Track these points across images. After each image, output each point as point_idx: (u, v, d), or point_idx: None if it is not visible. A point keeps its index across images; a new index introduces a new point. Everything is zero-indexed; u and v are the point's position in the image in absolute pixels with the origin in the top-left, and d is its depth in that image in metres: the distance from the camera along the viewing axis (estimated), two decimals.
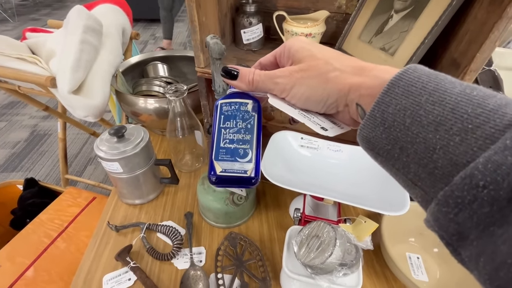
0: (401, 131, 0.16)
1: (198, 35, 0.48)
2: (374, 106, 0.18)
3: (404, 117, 0.16)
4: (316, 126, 0.23)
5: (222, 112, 0.28)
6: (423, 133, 0.15)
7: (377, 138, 0.18)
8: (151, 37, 3.19)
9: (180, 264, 0.53)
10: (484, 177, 0.12)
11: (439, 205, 0.14)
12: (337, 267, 0.37)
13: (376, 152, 0.18)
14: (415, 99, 0.16)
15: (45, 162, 1.62)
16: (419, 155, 0.15)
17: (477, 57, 0.36)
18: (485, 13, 0.36)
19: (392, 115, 0.17)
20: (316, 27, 0.54)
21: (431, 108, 0.15)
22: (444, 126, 0.15)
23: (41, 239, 0.76)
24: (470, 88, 0.15)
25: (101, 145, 0.54)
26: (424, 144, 0.15)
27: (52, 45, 0.74)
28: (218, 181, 0.26)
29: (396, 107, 0.17)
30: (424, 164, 0.15)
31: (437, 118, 0.15)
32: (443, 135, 0.14)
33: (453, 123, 0.14)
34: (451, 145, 0.14)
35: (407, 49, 0.44)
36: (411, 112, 0.16)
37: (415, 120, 0.16)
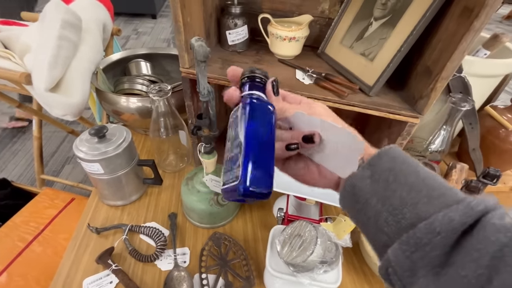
0: (383, 186, 0.21)
1: (183, 35, 0.47)
2: (368, 163, 0.23)
3: (388, 176, 0.21)
4: None
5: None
6: (399, 191, 0.20)
7: (362, 187, 0.22)
8: (133, 32, 3.09)
9: (163, 266, 0.53)
10: (440, 225, 0.17)
11: (401, 244, 0.19)
12: (318, 264, 0.38)
13: (355, 198, 0.22)
14: (398, 166, 0.21)
15: (18, 161, 1.54)
16: (393, 206, 0.20)
17: (448, 66, 0.39)
18: (455, 24, 0.39)
19: (380, 171, 0.22)
20: (300, 31, 0.55)
21: (408, 175, 0.21)
22: (416, 189, 0.20)
23: (15, 243, 0.72)
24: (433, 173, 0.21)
25: (81, 146, 0.53)
26: (399, 199, 0.20)
27: (26, 40, 0.71)
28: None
29: (383, 167, 0.22)
30: (395, 214, 0.20)
31: (412, 183, 0.20)
32: (414, 196, 0.20)
33: (422, 188, 0.20)
34: (419, 204, 0.19)
35: (385, 56, 0.46)
36: (394, 173, 0.21)
37: (396, 179, 0.21)
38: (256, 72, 0.27)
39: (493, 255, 0.16)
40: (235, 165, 0.22)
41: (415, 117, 0.45)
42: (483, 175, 0.59)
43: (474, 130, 0.63)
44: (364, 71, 0.50)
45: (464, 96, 0.57)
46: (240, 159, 0.21)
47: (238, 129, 0.24)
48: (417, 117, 0.45)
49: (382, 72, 0.46)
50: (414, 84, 0.47)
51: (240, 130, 0.23)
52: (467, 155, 0.70)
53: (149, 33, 3.08)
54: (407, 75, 0.51)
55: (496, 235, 0.16)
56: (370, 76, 0.49)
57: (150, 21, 3.38)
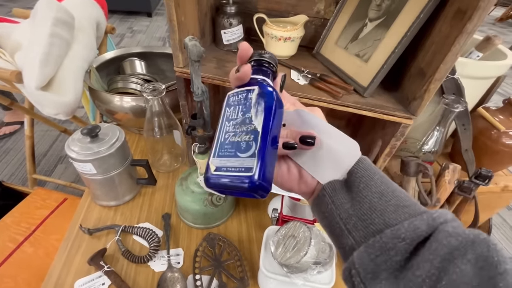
0: (355, 191, 0.23)
1: (177, 34, 0.47)
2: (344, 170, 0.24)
3: (360, 182, 0.23)
4: None
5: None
6: (370, 198, 0.22)
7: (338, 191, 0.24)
8: (128, 30, 3.06)
9: (157, 267, 0.52)
10: (405, 232, 0.19)
11: (366, 248, 0.20)
12: (311, 265, 0.38)
13: (331, 200, 0.24)
14: (370, 175, 0.23)
15: (10, 160, 1.51)
16: (362, 211, 0.22)
17: (441, 68, 0.39)
18: (448, 27, 0.39)
19: (353, 178, 0.23)
20: (295, 31, 0.55)
21: (379, 184, 0.22)
22: (385, 197, 0.22)
23: (5, 244, 0.71)
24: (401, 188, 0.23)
25: (73, 145, 0.52)
26: (369, 205, 0.21)
27: (18, 37, 0.69)
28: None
29: (357, 175, 0.23)
30: (364, 219, 0.21)
31: (382, 192, 0.22)
32: (383, 203, 0.21)
33: (391, 198, 0.21)
34: (387, 211, 0.21)
35: (379, 57, 0.46)
36: (365, 181, 0.23)
37: (367, 186, 0.22)
38: (271, 61, 0.25)
39: (444, 257, 0.17)
40: (244, 153, 0.20)
41: (408, 118, 0.46)
42: (475, 176, 0.60)
43: (467, 131, 0.64)
44: (359, 72, 0.50)
45: (457, 97, 0.57)
46: (254, 149, 0.20)
47: (251, 115, 0.21)
48: (411, 118, 0.46)
49: (377, 73, 0.46)
50: (408, 86, 0.48)
51: (256, 118, 0.21)
52: (459, 156, 0.70)
53: (144, 32, 3.05)
54: (401, 77, 0.51)
55: (448, 239, 0.18)
56: (365, 77, 0.49)
57: (145, 19, 3.35)
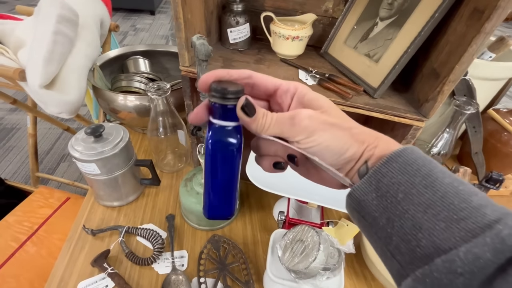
0: (392, 203, 0.17)
1: (183, 33, 0.46)
2: (372, 173, 0.19)
3: (397, 191, 0.17)
4: None
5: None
6: (412, 211, 0.17)
7: (367, 202, 0.19)
8: (131, 28, 3.05)
9: (161, 269, 0.51)
10: (463, 265, 0.14)
11: (415, 282, 0.16)
12: (320, 271, 0.37)
13: (362, 215, 0.19)
14: (410, 179, 0.17)
15: (12, 158, 1.51)
16: (404, 230, 0.17)
17: (456, 69, 0.38)
18: (465, 26, 0.38)
19: (386, 186, 0.18)
20: (303, 30, 0.53)
21: (423, 190, 0.17)
22: (432, 210, 0.16)
23: (8, 243, 0.71)
24: (457, 182, 0.17)
25: (77, 145, 0.51)
26: (412, 221, 0.16)
27: (21, 34, 0.69)
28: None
29: (391, 180, 0.18)
30: (407, 240, 0.16)
31: (427, 201, 0.16)
32: (430, 218, 0.16)
33: (441, 209, 0.16)
34: (436, 229, 0.16)
35: (390, 57, 0.45)
36: (404, 189, 0.17)
37: (407, 197, 0.17)
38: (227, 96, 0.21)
39: None
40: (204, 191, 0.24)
41: (420, 120, 0.44)
42: (485, 179, 0.58)
43: (478, 133, 0.62)
44: (369, 73, 0.49)
45: (468, 99, 0.56)
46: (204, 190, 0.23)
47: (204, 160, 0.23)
48: (422, 120, 0.44)
49: (388, 74, 0.45)
50: (420, 87, 0.46)
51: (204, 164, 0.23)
52: (468, 158, 0.69)
53: (147, 30, 3.05)
54: (412, 77, 0.50)
55: None
56: (375, 78, 0.47)
57: (148, 17, 3.34)
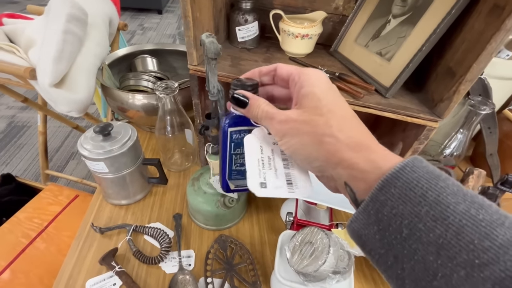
0: (397, 239, 0.15)
1: (192, 31, 0.45)
2: (368, 201, 0.16)
3: (401, 226, 0.14)
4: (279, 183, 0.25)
5: (233, 140, 0.29)
6: (422, 252, 0.14)
7: (369, 237, 0.16)
8: (139, 27, 3.08)
9: (168, 268, 0.51)
10: None
11: None
12: (330, 274, 0.37)
13: (367, 251, 0.17)
14: (414, 209, 0.14)
15: (23, 155, 1.54)
16: (417, 274, 0.14)
17: (474, 67, 0.37)
18: (483, 23, 0.36)
19: (387, 218, 0.15)
20: (313, 28, 0.52)
21: (433, 224, 0.14)
22: (447, 251, 0.13)
23: (18, 239, 0.72)
24: (475, 208, 0.13)
25: (86, 144, 0.52)
26: (423, 265, 0.14)
27: (31, 34, 0.69)
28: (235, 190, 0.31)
29: (392, 211, 0.15)
30: (422, 287, 0.14)
31: (439, 240, 0.13)
32: (446, 262, 0.13)
33: (458, 251, 0.13)
34: (454, 277, 0.13)
35: (403, 56, 0.44)
36: (408, 222, 0.14)
37: (414, 233, 0.14)
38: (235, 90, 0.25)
39: None
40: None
41: (434, 121, 0.43)
42: (501, 182, 0.56)
43: (493, 134, 0.60)
44: (380, 72, 0.48)
45: (484, 99, 0.54)
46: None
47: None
48: (437, 121, 0.43)
49: (400, 73, 0.44)
50: (434, 86, 0.45)
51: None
52: (482, 160, 0.67)
53: (154, 29, 3.07)
54: (426, 77, 0.48)
55: None
56: (387, 77, 0.46)
57: (156, 17, 3.36)
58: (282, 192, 0.23)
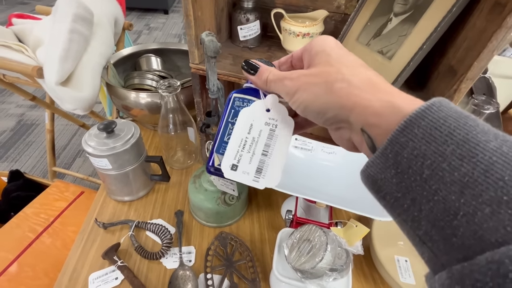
0: (416, 181, 0.14)
1: (193, 30, 0.46)
2: (387, 145, 0.15)
3: (422, 167, 0.13)
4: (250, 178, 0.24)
5: (233, 107, 0.27)
6: (444, 192, 0.13)
7: (386, 181, 0.15)
8: (145, 27, 3.11)
9: (169, 264, 0.52)
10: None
11: (452, 280, 0.12)
12: (327, 272, 0.37)
13: (381, 195, 0.16)
14: (439, 148, 0.13)
15: (32, 153, 1.57)
16: (435, 215, 0.13)
17: (475, 66, 0.36)
18: (484, 21, 0.36)
19: (407, 160, 0.14)
20: (314, 27, 0.53)
21: (458, 163, 0.13)
22: (472, 190, 0.12)
23: (25, 234, 0.74)
24: (507, 146, 0.12)
25: (90, 141, 0.53)
26: (444, 204, 0.13)
27: (39, 33, 0.71)
28: (214, 172, 0.27)
29: (414, 152, 0.14)
30: (440, 227, 0.13)
31: (464, 178, 0.12)
32: (469, 200, 0.12)
33: (484, 188, 0.12)
34: (478, 215, 0.12)
35: (405, 54, 0.44)
36: (431, 163, 0.13)
37: (436, 173, 0.13)
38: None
39: None
40: None
41: None
42: None
43: None
44: (381, 70, 0.48)
45: (488, 98, 0.53)
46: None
47: None
48: None
49: (401, 71, 0.44)
50: (436, 85, 0.45)
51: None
52: None
53: (160, 29, 3.10)
54: (427, 75, 0.48)
55: None
56: (388, 76, 0.46)
57: (162, 17, 3.40)
58: (247, 179, 0.24)
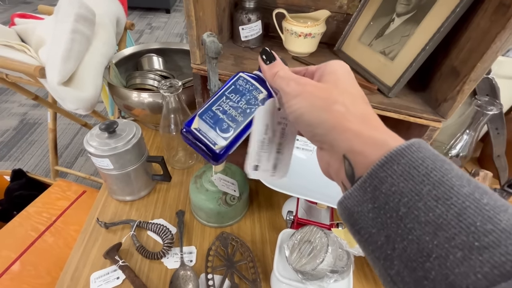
0: (392, 218, 0.14)
1: (195, 30, 0.46)
2: (366, 178, 0.16)
3: (399, 204, 0.14)
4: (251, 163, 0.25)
5: (235, 84, 0.27)
6: (418, 232, 0.13)
7: (362, 214, 0.16)
8: (147, 27, 3.11)
9: (170, 264, 0.52)
10: None
11: None
12: (328, 273, 0.37)
13: (356, 229, 0.16)
14: (416, 187, 0.14)
15: (34, 152, 1.58)
16: (408, 255, 0.13)
17: (478, 67, 0.36)
18: (488, 22, 0.35)
19: (385, 195, 0.15)
20: (316, 27, 0.52)
21: (434, 204, 0.13)
22: (445, 232, 0.12)
23: (28, 233, 0.74)
24: (479, 192, 0.13)
25: (91, 140, 0.53)
26: (417, 245, 0.13)
27: (41, 33, 0.71)
28: (187, 134, 0.26)
29: (391, 188, 0.14)
30: (413, 268, 0.13)
31: (438, 220, 0.13)
32: (442, 243, 0.12)
33: (457, 232, 0.12)
34: (450, 259, 0.12)
35: (407, 54, 0.43)
36: (408, 201, 0.14)
37: (412, 212, 0.13)
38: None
39: None
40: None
41: (437, 121, 0.43)
42: (508, 184, 0.55)
43: (500, 135, 0.59)
44: (384, 71, 0.47)
45: (491, 99, 0.53)
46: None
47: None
48: (440, 121, 0.42)
49: (404, 72, 0.43)
50: (438, 86, 0.44)
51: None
52: (490, 162, 0.66)
53: (162, 28, 3.10)
54: (429, 76, 0.48)
55: None
56: (390, 76, 0.46)
57: (164, 16, 3.40)
58: (266, 175, 0.25)
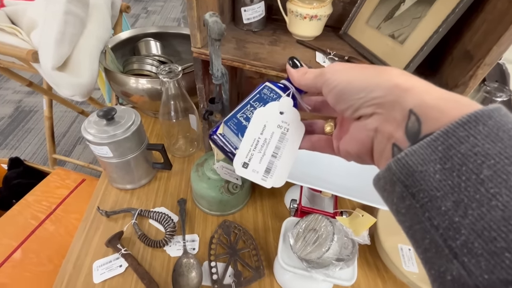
0: (469, 181, 0.12)
1: (195, 11, 0.43)
2: (438, 135, 0.13)
3: (482, 166, 0.12)
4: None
5: (260, 92, 0.29)
6: (506, 198, 0.11)
7: (426, 175, 0.13)
8: (142, 11, 3.01)
9: (172, 252, 0.52)
10: None
11: None
12: (333, 262, 0.36)
13: (411, 192, 0.14)
14: (506, 150, 0.12)
15: (31, 140, 1.56)
16: (487, 223, 0.11)
17: (494, 50, 0.34)
18: (507, 2, 0.34)
19: (462, 156, 0.12)
20: (322, 9, 0.50)
21: None
22: None
23: (28, 221, 0.74)
24: None
25: (89, 128, 0.51)
26: (502, 212, 0.11)
27: (33, 15, 0.68)
28: (213, 139, 0.28)
29: (473, 149, 0.12)
30: (490, 238, 0.11)
31: None
32: None
33: None
34: None
35: (418, 38, 0.42)
36: (494, 163, 0.12)
37: (499, 175, 0.11)
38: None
39: None
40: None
41: None
42: None
43: None
44: (392, 55, 0.46)
45: (501, 85, 0.51)
46: None
47: None
48: None
49: (414, 56, 0.42)
50: (449, 70, 0.43)
51: None
52: None
53: (159, 12, 3.00)
54: (439, 60, 0.46)
55: None
56: (399, 61, 0.44)
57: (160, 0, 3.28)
58: (256, 177, 0.26)
